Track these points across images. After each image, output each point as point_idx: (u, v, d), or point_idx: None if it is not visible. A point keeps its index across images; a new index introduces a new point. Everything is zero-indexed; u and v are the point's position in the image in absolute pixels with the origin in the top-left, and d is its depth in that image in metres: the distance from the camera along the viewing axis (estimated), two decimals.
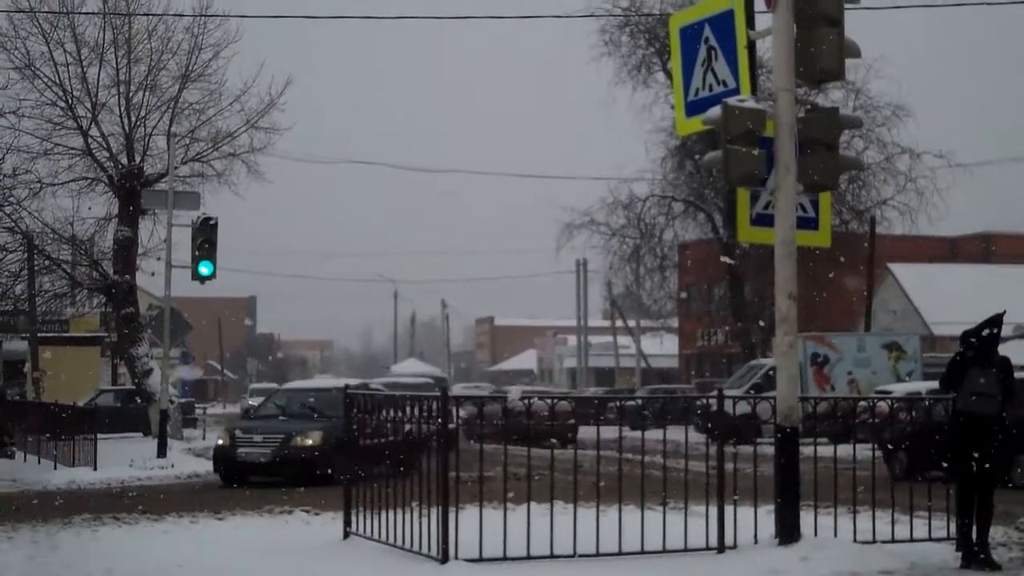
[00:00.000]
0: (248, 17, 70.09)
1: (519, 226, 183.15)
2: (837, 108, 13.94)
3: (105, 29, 36.53)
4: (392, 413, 13.31)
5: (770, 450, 13.06)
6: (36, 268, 35.80)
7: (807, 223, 13.69)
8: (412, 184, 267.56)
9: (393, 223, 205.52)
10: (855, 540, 13.02)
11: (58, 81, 36.39)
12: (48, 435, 28.19)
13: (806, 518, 12.96)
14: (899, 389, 32.28)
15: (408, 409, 12.93)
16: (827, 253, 36.84)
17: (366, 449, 13.88)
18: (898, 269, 55.76)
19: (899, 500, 13.83)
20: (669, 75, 44.71)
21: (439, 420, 12.21)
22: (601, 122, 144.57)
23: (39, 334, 40.03)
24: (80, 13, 36.20)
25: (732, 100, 12.69)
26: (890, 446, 21.30)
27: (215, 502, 19.04)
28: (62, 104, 36.58)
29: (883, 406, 15.94)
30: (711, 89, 13.33)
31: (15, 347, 45.94)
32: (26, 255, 33.45)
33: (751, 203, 13.59)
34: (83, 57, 36.51)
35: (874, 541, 13.10)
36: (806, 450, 13.04)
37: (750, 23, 13.07)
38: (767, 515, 12.98)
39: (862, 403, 16.07)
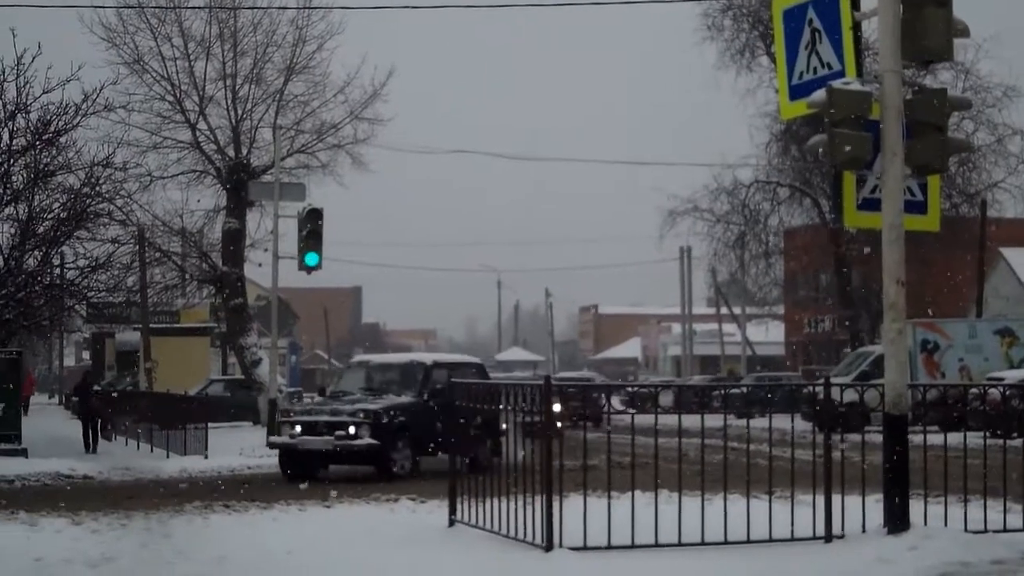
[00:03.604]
0: (351, 8, 70.54)
1: (622, 214, 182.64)
2: (946, 89, 13.64)
3: (211, 23, 37.17)
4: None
5: (878, 439, 12.87)
6: (147, 260, 36.45)
7: (915, 207, 13.45)
8: (515, 173, 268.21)
9: (496, 212, 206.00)
10: (966, 529, 12.79)
11: (166, 75, 37.07)
12: (160, 424, 28.74)
13: (915, 507, 12.73)
14: (1012, 376, 31.71)
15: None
16: (937, 237, 36.17)
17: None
18: (1010, 253, 54.54)
19: (1012, 489, 13.55)
20: (773, 59, 44.14)
21: (543, 408, 12.23)
22: (704, 108, 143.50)
23: (151, 325, 40.80)
24: (187, 8, 36.86)
25: (837, 83, 12.51)
26: None
27: (323, 490, 19.26)
28: (170, 98, 37.26)
29: (995, 393, 15.62)
30: (815, 72, 13.14)
31: (127, 338, 46.99)
32: (137, 247, 34.09)
33: (857, 187, 13.39)
34: (190, 51, 37.16)
35: (985, 531, 12.86)
36: (915, 438, 12.83)
37: (855, 4, 12.86)
38: (875, 504, 12.80)
39: (973, 390, 15.76)
